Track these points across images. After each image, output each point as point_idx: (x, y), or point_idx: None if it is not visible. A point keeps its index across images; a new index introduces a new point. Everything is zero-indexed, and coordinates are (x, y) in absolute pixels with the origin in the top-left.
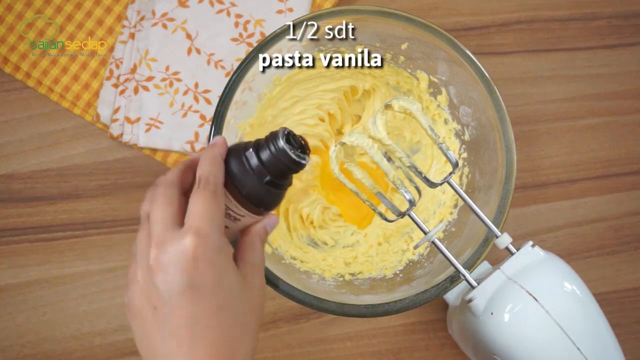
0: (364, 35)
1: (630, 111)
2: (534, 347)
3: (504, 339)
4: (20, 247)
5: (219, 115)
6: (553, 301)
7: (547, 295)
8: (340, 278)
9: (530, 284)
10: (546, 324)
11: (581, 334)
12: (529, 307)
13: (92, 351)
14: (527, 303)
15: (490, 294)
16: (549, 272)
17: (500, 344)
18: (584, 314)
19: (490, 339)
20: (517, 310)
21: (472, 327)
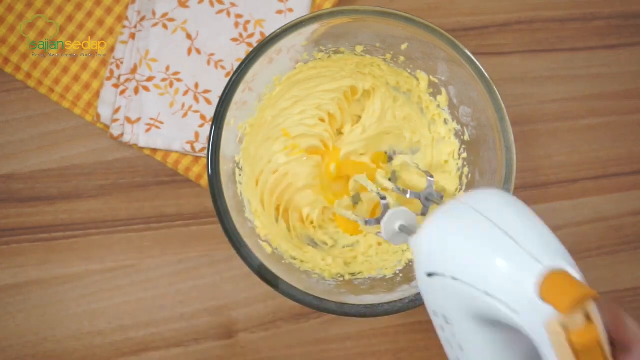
0: (364, 35)
1: (630, 111)
2: (465, 248)
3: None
4: (20, 247)
5: (219, 115)
6: (478, 198)
7: (474, 197)
8: (340, 278)
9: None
10: (475, 219)
11: (514, 227)
12: (458, 208)
13: (92, 351)
14: (457, 206)
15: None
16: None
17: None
18: (515, 211)
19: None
20: (447, 212)
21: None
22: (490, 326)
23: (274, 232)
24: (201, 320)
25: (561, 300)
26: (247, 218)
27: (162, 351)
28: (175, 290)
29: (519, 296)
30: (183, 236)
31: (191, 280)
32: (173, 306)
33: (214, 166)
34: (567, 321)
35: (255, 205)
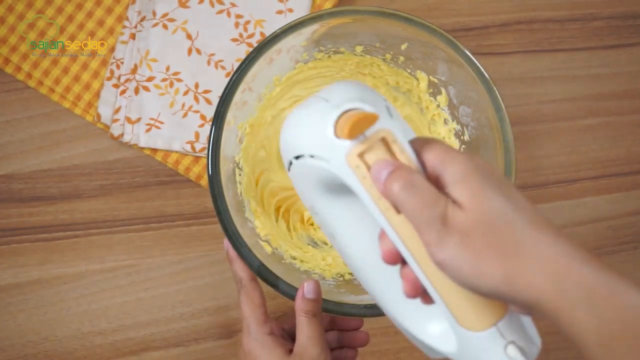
0: (364, 36)
1: (630, 111)
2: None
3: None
4: (20, 246)
5: (219, 115)
6: (327, 88)
7: (325, 88)
8: (340, 278)
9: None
10: (315, 101)
11: (333, 93)
12: (309, 99)
13: (93, 351)
14: (309, 98)
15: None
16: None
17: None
18: (345, 84)
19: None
20: (301, 105)
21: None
22: (336, 194)
23: (274, 232)
24: (201, 320)
25: (344, 129)
26: (247, 218)
27: (162, 351)
28: (175, 290)
29: (325, 143)
30: (183, 236)
31: (191, 280)
32: (173, 306)
33: (214, 166)
34: (366, 151)
35: (255, 206)
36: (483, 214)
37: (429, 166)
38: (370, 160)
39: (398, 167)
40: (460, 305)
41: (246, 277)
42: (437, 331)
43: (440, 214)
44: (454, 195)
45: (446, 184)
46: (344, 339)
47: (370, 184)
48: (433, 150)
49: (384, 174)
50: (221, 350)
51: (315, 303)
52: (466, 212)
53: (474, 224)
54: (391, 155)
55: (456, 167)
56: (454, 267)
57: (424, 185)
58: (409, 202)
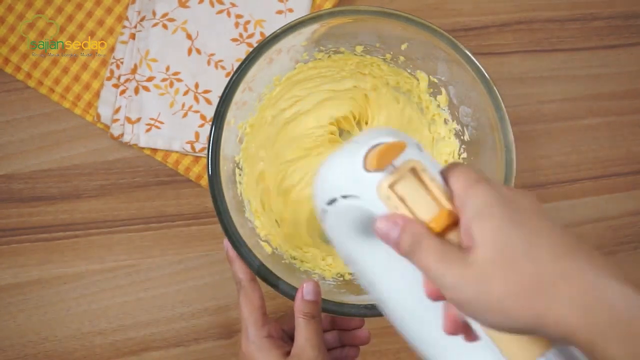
0: (364, 36)
1: (630, 111)
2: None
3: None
4: (20, 246)
5: (219, 115)
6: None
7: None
8: (340, 278)
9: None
10: (348, 146)
11: (363, 135)
12: (343, 144)
13: (93, 351)
14: (343, 144)
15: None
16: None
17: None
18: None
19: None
20: (335, 151)
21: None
22: (369, 236)
23: (274, 232)
24: (201, 320)
25: (373, 160)
26: (247, 218)
27: (162, 351)
28: (175, 290)
29: (355, 180)
30: (183, 236)
31: (191, 280)
32: (173, 306)
33: (214, 166)
34: (396, 181)
35: (256, 206)
36: (501, 253)
37: (455, 196)
38: (400, 191)
39: (406, 225)
40: (504, 338)
41: (245, 277)
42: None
43: (454, 265)
44: (472, 230)
45: (467, 219)
46: (345, 338)
47: (398, 207)
48: (459, 181)
49: (394, 232)
50: (221, 350)
51: (315, 304)
52: (482, 254)
53: (492, 266)
54: (422, 185)
55: (476, 200)
56: (485, 315)
57: (432, 242)
58: (421, 262)
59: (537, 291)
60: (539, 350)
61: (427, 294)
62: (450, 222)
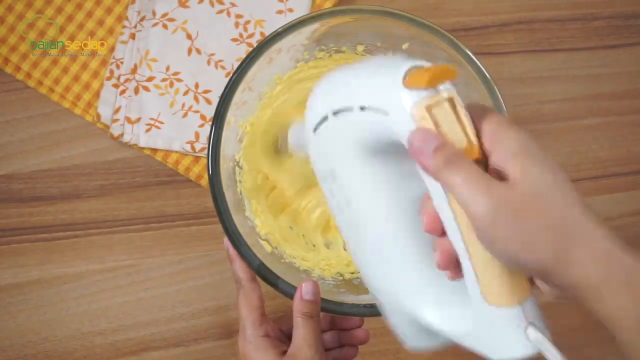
0: (365, 35)
1: (630, 111)
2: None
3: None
4: (20, 246)
5: (220, 114)
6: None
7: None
8: (339, 277)
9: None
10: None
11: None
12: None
13: (93, 351)
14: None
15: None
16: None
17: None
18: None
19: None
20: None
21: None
22: (372, 157)
23: (274, 231)
24: (201, 320)
25: (420, 79)
26: (247, 217)
27: (162, 351)
28: (175, 290)
29: (387, 93)
30: (183, 236)
31: (191, 280)
32: (173, 306)
33: (214, 165)
34: (434, 105)
35: (256, 205)
36: (537, 192)
37: (484, 137)
38: (436, 116)
39: (443, 143)
40: (492, 280)
41: (245, 277)
42: (448, 309)
43: (492, 188)
44: (508, 169)
45: (500, 159)
46: (343, 338)
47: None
48: (490, 123)
49: (430, 146)
50: (221, 350)
51: (313, 304)
52: (519, 188)
53: (528, 201)
54: (456, 117)
55: (511, 141)
56: (503, 243)
57: (469, 165)
58: (454, 178)
59: (564, 234)
60: (521, 297)
61: (425, 225)
62: (475, 158)
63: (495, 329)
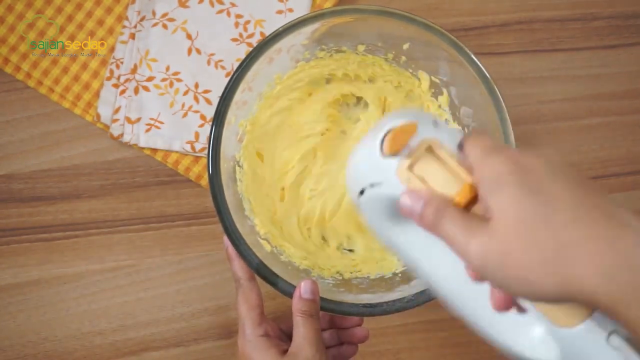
0: (366, 35)
1: (630, 111)
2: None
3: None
4: (20, 246)
5: (220, 114)
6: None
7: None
8: (339, 277)
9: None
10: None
11: (386, 119)
12: (369, 131)
13: (92, 351)
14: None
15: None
16: None
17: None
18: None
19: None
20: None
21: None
22: (404, 220)
23: (273, 231)
24: (201, 320)
25: (387, 146)
26: (247, 216)
27: (162, 351)
28: (175, 290)
29: (377, 167)
30: (183, 236)
31: (191, 280)
32: (173, 306)
33: (215, 164)
34: (414, 163)
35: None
36: (517, 225)
37: (474, 167)
38: (420, 171)
39: (429, 199)
40: (548, 305)
41: (244, 276)
42: (535, 339)
43: (478, 234)
44: (489, 206)
45: (483, 191)
46: (343, 336)
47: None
48: (474, 152)
49: (417, 206)
50: (221, 350)
51: (312, 303)
52: (498, 227)
53: (510, 238)
54: (440, 162)
55: (491, 171)
56: (506, 285)
57: (454, 213)
58: (445, 230)
59: (558, 259)
60: (585, 311)
61: (470, 275)
62: (473, 195)
63: (583, 348)
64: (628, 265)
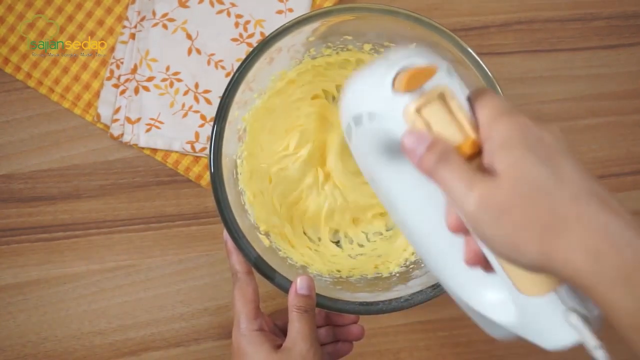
0: (372, 34)
1: (630, 111)
2: None
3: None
4: (20, 247)
5: (221, 114)
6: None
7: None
8: (337, 274)
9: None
10: (376, 62)
11: (394, 53)
12: (371, 62)
13: (93, 351)
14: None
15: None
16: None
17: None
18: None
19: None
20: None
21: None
22: (394, 158)
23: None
24: (201, 320)
25: (402, 82)
26: (247, 210)
27: (162, 351)
28: (175, 290)
29: (383, 99)
30: (183, 236)
31: (191, 280)
32: (173, 306)
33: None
34: (423, 105)
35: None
36: (521, 186)
37: (480, 125)
38: (427, 116)
39: (434, 142)
40: (518, 270)
41: (242, 270)
42: (496, 300)
43: (479, 186)
44: (495, 162)
45: (490, 149)
46: (338, 333)
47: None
48: (485, 110)
49: (421, 147)
50: (221, 350)
51: (308, 299)
52: (503, 184)
53: (511, 197)
54: (448, 112)
55: (501, 131)
56: (491, 241)
57: (458, 161)
58: (444, 175)
59: (550, 229)
60: (551, 285)
61: (448, 225)
62: (473, 152)
63: (540, 318)
64: (616, 248)
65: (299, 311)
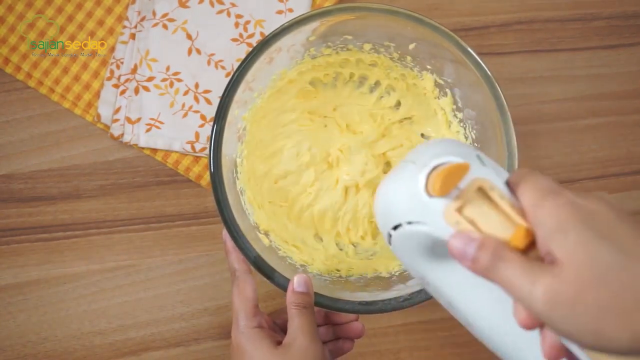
0: (372, 34)
1: (630, 111)
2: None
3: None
4: (20, 247)
5: (220, 113)
6: (413, 150)
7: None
8: (336, 273)
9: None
10: (402, 166)
11: (418, 153)
12: (397, 165)
13: (93, 351)
14: (397, 164)
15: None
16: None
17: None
18: (431, 142)
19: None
20: (390, 172)
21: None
22: (442, 259)
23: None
24: (201, 320)
25: (436, 186)
26: (246, 210)
27: (162, 351)
28: (175, 290)
29: (419, 206)
30: (183, 236)
31: (191, 280)
32: (173, 306)
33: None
34: (464, 205)
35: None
36: (589, 270)
37: (527, 210)
38: (470, 214)
39: (484, 241)
40: (610, 358)
41: (241, 268)
42: None
43: (544, 277)
44: (552, 251)
45: (543, 237)
46: (339, 331)
47: (468, 229)
48: (527, 195)
49: (470, 250)
50: (221, 350)
51: (306, 296)
52: (568, 272)
53: (580, 284)
54: (491, 204)
55: (551, 215)
56: (571, 335)
57: (514, 256)
58: (502, 275)
59: (635, 308)
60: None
61: (519, 323)
62: (527, 241)
63: None
64: None
65: (297, 308)
